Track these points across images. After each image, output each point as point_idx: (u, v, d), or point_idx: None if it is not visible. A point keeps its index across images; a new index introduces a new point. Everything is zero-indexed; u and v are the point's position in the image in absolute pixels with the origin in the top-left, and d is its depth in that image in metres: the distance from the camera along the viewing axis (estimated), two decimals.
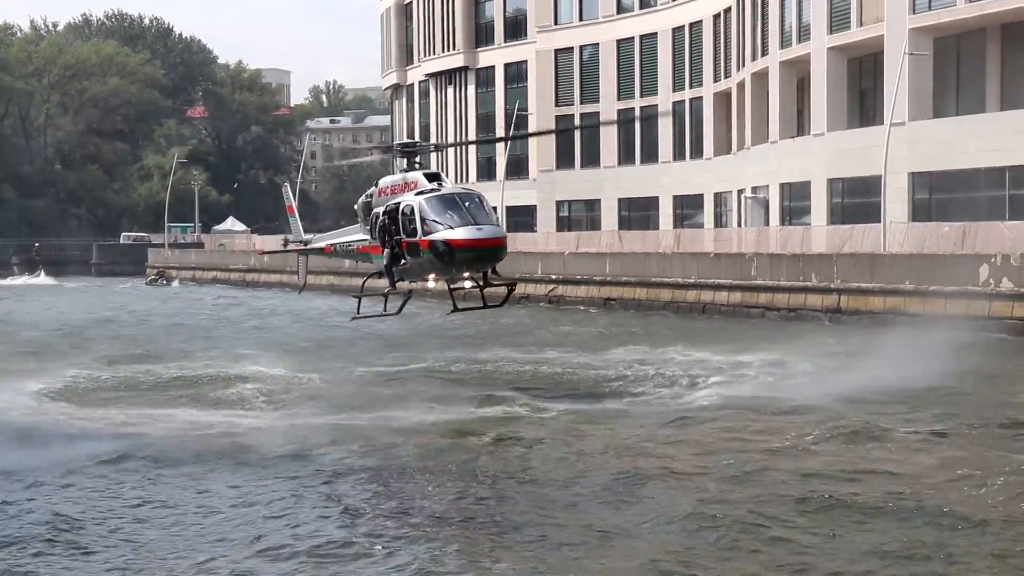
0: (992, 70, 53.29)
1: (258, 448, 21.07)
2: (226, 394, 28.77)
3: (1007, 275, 39.11)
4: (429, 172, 28.18)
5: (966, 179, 51.35)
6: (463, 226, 25.88)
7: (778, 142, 63.24)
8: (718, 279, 50.65)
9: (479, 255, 26.14)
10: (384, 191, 28.76)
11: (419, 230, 26.43)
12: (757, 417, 24.05)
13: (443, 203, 26.43)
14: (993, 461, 19.40)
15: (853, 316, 43.97)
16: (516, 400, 26.80)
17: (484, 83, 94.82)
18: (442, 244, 25.92)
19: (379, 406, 26.31)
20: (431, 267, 26.84)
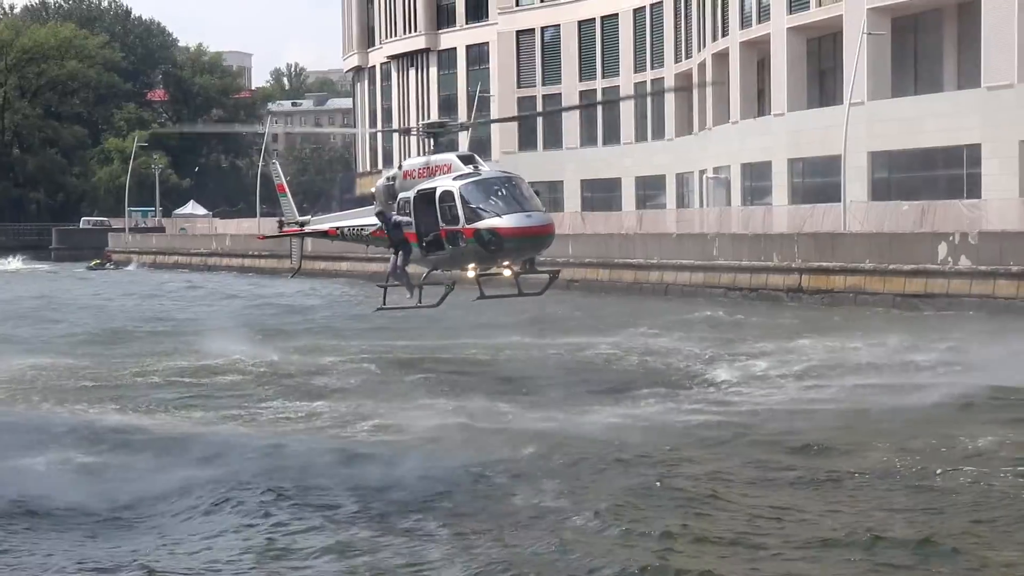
0: (949, 50, 53.67)
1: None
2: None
3: (965, 253, 39.49)
4: (463, 154, 26.66)
5: (925, 158, 51.76)
6: (510, 213, 24.47)
7: (739, 123, 63.52)
8: (680, 260, 50.85)
9: (529, 243, 24.82)
10: (411, 174, 27.08)
11: (461, 217, 24.88)
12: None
13: (486, 188, 24.96)
14: None
15: (815, 295, 44.30)
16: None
17: (446, 65, 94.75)
18: (489, 233, 24.45)
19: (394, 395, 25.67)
20: (475, 256, 25.25)
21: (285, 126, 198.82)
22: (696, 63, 70.74)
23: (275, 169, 37.18)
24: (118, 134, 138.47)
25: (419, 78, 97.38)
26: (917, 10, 53.89)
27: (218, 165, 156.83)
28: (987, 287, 38.68)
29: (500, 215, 24.43)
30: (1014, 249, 38.14)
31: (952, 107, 50.54)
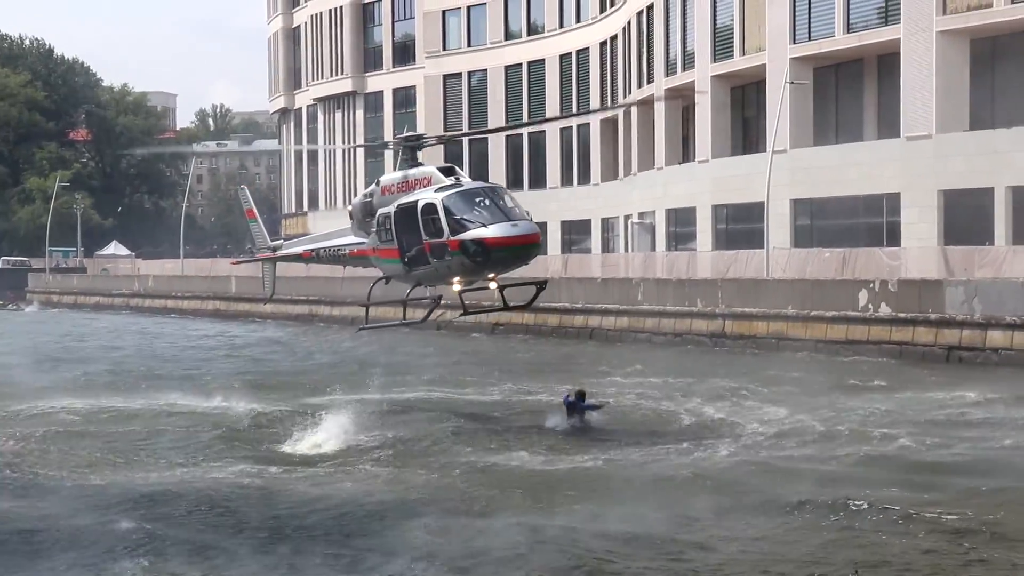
0: (870, 99, 54.56)
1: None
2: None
3: (885, 300, 40.00)
4: (443, 166, 26.04)
5: (846, 206, 52.47)
6: (496, 223, 23.86)
7: (664, 168, 64.05)
8: (605, 304, 51.04)
9: (515, 254, 24.20)
10: (389, 189, 26.34)
11: (445, 229, 24.25)
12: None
13: (469, 199, 24.37)
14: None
15: (737, 341, 44.61)
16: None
17: (373, 108, 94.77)
18: (474, 244, 23.84)
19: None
20: (460, 269, 24.65)
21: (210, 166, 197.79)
22: (622, 109, 71.28)
23: (243, 195, 36.33)
24: (40, 173, 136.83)
25: (345, 120, 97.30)
26: (838, 60, 54.76)
27: (141, 206, 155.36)
28: (906, 334, 39.20)
29: (486, 225, 23.87)
30: (932, 297, 38.70)
31: (872, 156, 51.34)
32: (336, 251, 29.42)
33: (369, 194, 27.25)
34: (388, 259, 26.36)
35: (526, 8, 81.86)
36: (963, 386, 31.01)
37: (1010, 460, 22.03)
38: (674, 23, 62.67)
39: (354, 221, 28.03)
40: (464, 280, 25.34)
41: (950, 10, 48.45)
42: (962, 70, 48.98)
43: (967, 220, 47.33)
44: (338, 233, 30.00)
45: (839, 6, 52.38)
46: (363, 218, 27.41)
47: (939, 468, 21.34)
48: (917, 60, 49.23)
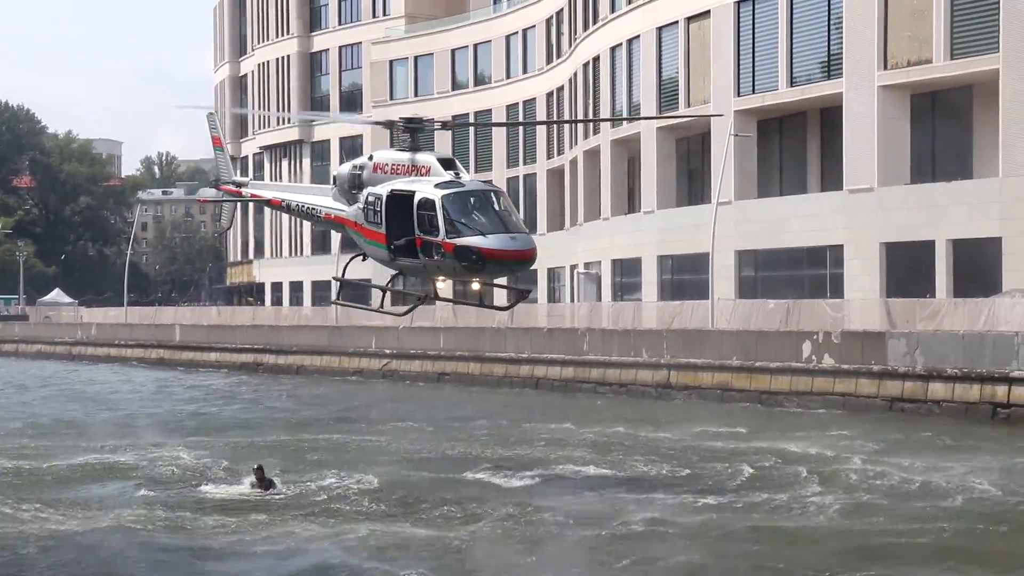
0: (813, 152, 55.17)
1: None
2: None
3: (828, 352, 40.25)
4: (443, 157, 25.03)
5: (790, 257, 52.90)
6: (495, 234, 23.08)
7: (610, 219, 64.34)
8: (551, 354, 51.04)
9: (510, 267, 23.75)
10: (382, 168, 25.32)
11: (442, 230, 23.36)
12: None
13: (470, 203, 23.46)
14: None
15: (683, 391, 44.69)
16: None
17: (319, 156, 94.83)
18: (471, 253, 23.09)
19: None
20: (450, 271, 24.04)
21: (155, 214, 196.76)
22: (568, 159, 71.68)
23: (212, 121, 34.25)
24: None
25: (292, 168, 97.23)
26: (782, 113, 55.37)
27: (85, 253, 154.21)
28: (849, 386, 39.43)
29: (485, 234, 23.09)
30: (874, 349, 38.98)
31: (816, 208, 51.85)
32: (310, 209, 28.26)
33: (359, 167, 26.18)
34: (372, 241, 25.46)
35: (473, 59, 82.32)
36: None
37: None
38: (620, 75, 63.16)
39: (337, 186, 27.01)
40: (449, 280, 24.99)
41: (891, 65, 49.15)
42: (903, 124, 49.64)
43: (909, 272, 47.85)
44: (315, 190, 29.06)
45: (783, 60, 53.02)
46: (348, 189, 26.38)
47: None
48: (859, 114, 49.85)
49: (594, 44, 66.11)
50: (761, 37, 54.30)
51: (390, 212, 24.62)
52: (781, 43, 53.13)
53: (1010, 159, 45.12)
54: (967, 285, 45.13)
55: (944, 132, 50.17)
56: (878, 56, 49.17)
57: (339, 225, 27.17)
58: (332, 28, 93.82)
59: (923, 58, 48.09)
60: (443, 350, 56.90)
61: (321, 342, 64.45)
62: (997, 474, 26.40)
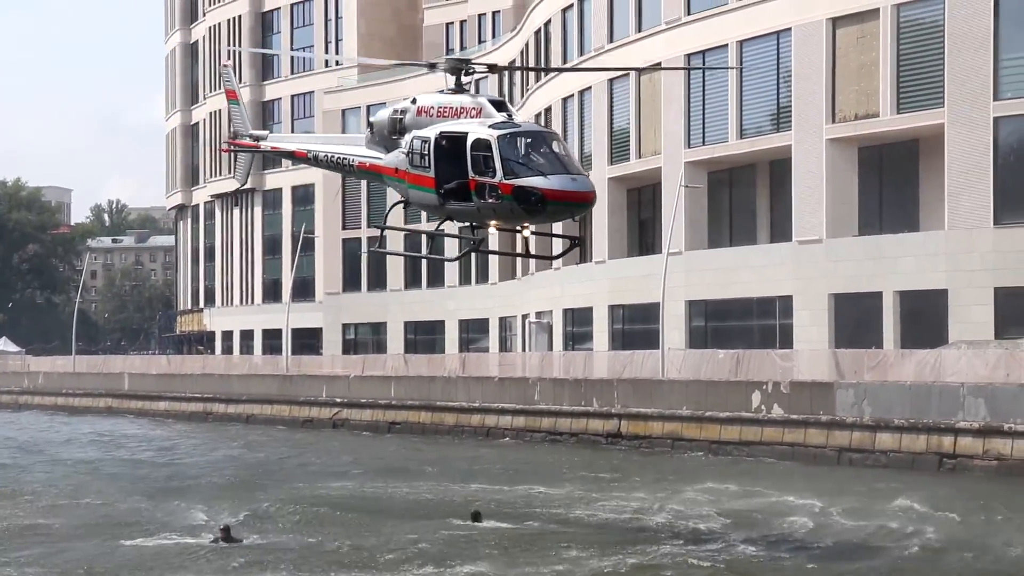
0: (762, 203, 55.67)
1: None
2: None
3: (778, 402, 40.49)
4: (494, 99, 24.24)
5: (740, 308, 53.26)
6: (556, 174, 22.49)
7: (561, 268, 64.52)
8: (502, 403, 51.04)
9: (570, 209, 22.93)
10: (427, 111, 24.42)
11: (499, 171, 22.62)
12: None
13: (528, 143, 22.86)
14: None
15: (633, 441, 44.79)
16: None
17: (271, 205, 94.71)
18: (531, 194, 22.38)
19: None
20: (507, 214, 23.13)
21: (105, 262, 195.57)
22: None
23: (227, 73, 32.90)
24: None
25: (243, 217, 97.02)
26: (732, 165, 55.88)
27: (33, 301, 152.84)
28: (798, 436, 39.63)
29: (545, 175, 22.46)
30: (823, 399, 39.25)
31: (765, 259, 52.27)
32: (341, 159, 27.21)
33: (401, 111, 25.14)
34: (418, 186, 24.51)
35: None
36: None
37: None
38: (572, 125, 63.60)
39: (374, 133, 26.07)
40: (503, 224, 24.14)
41: (839, 118, 49.79)
42: (851, 176, 50.24)
43: (857, 323, 48.28)
44: (343, 139, 28.13)
45: (732, 112, 53.59)
46: (388, 135, 25.36)
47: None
48: (808, 166, 50.41)
49: (546, 95, 66.58)
50: (711, 90, 54.90)
51: (439, 154, 23.82)
52: (731, 96, 53.72)
53: (955, 212, 45.73)
54: (914, 336, 45.60)
55: (891, 185, 50.79)
56: (826, 110, 49.79)
57: (374, 174, 26.41)
58: (284, 77, 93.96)
59: (870, 112, 48.73)
60: (394, 399, 56.82)
61: (271, 391, 64.19)
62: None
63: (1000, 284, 44.23)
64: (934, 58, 46.72)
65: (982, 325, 44.04)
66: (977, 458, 35.10)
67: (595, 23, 61.32)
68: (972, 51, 45.31)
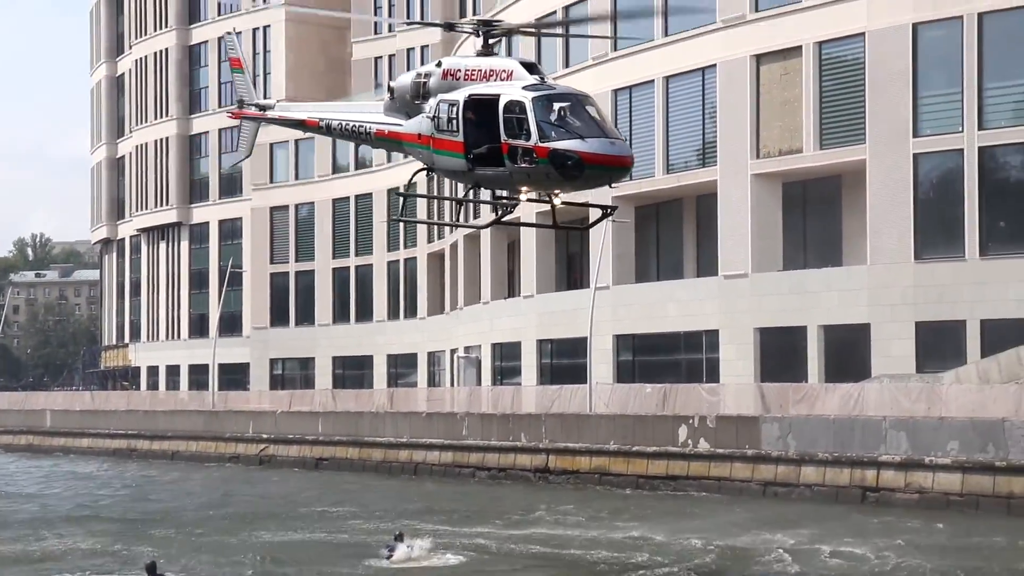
0: (689, 238, 56.09)
1: None
2: None
3: (704, 436, 40.64)
4: (526, 61, 23.45)
5: (667, 342, 53.53)
6: (593, 138, 21.80)
7: (490, 303, 64.59)
8: (430, 439, 50.85)
9: (609, 174, 22.26)
10: (454, 74, 23.57)
11: (534, 134, 21.88)
12: None
13: (564, 106, 22.07)
14: None
15: (561, 476, 44.76)
16: None
17: (198, 239, 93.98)
18: (568, 158, 21.69)
19: None
20: (542, 179, 22.41)
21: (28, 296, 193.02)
22: (448, 244, 71.96)
23: (231, 41, 31.44)
24: None
25: (170, 251, 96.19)
26: (659, 200, 56.26)
27: None
28: (724, 470, 39.79)
29: (583, 138, 21.76)
30: (749, 433, 39.47)
31: (691, 293, 52.64)
32: (357, 128, 26.17)
33: (425, 74, 24.20)
34: (445, 151, 23.62)
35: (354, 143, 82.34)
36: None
37: None
38: None
39: (394, 99, 25.01)
40: (534, 190, 23.33)
41: (763, 154, 50.35)
42: (775, 212, 50.77)
43: (782, 357, 48.71)
44: (358, 107, 27.18)
45: (659, 148, 54.00)
46: (410, 100, 24.39)
47: None
48: (733, 201, 50.88)
49: None
50: (638, 125, 55.31)
51: (469, 118, 23.03)
52: (658, 131, 54.16)
53: (877, 247, 46.35)
54: (838, 370, 46.09)
55: (815, 220, 51.41)
56: (751, 145, 50.33)
57: (394, 142, 25.51)
58: (212, 110, 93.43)
59: (794, 148, 49.33)
60: (321, 435, 56.42)
61: (197, 427, 63.52)
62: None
63: (921, 318, 44.89)
64: (856, 95, 47.43)
65: (904, 359, 44.64)
66: (899, 491, 35.42)
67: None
68: (892, 89, 46.07)
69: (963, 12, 44.61)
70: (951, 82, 45.22)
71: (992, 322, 43.18)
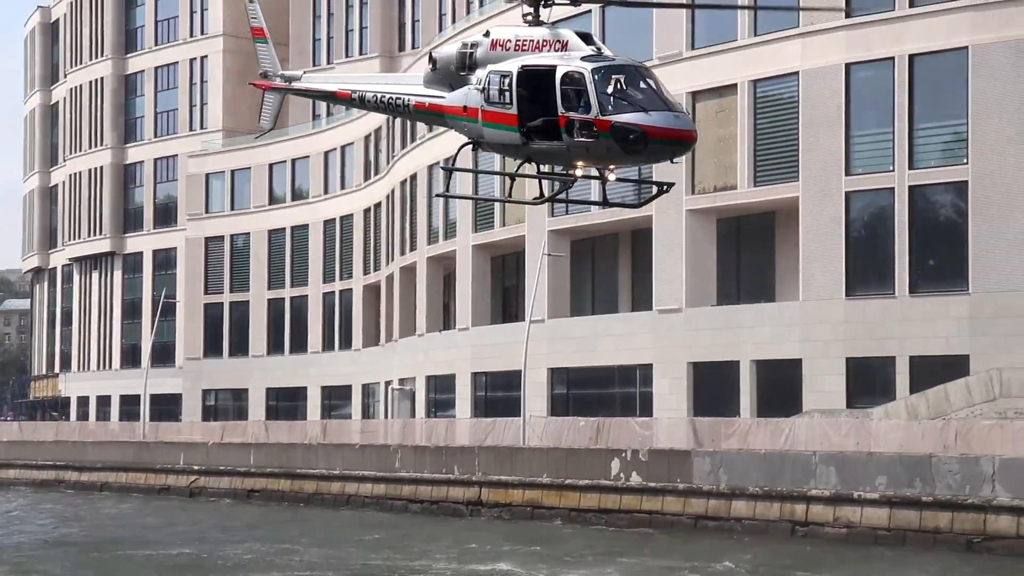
0: (624, 273, 56.36)
1: None
2: None
3: (636, 470, 40.71)
4: (582, 32, 22.64)
5: (601, 376, 53.68)
6: (657, 111, 21.09)
7: (425, 335, 64.51)
8: (363, 471, 50.60)
9: (673, 148, 21.52)
10: (503, 44, 22.74)
11: (595, 106, 21.13)
12: None
13: (625, 77, 21.38)
14: None
15: (493, 509, 44.67)
16: None
17: (131, 268, 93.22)
18: (631, 132, 20.95)
19: None
20: (602, 154, 21.66)
21: None
22: (384, 275, 71.85)
23: (253, 10, 30.36)
24: None
25: (102, 281, 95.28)
26: (595, 234, 56.53)
27: None
28: (656, 503, 39.84)
29: (647, 111, 21.04)
30: (680, 467, 39.58)
31: (626, 328, 52.85)
32: (393, 100, 25.03)
33: (472, 44, 23.32)
34: (496, 124, 22.67)
35: (291, 174, 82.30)
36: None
37: None
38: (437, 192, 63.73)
39: (436, 70, 23.99)
40: (591, 165, 22.45)
41: (698, 190, 50.74)
42: (709, 247, 51.14)
43: (715, 392, 48.99)
44: (393, 78, 26.15)
45: (595, 182, 54.04)
46: (455, 71, 23.47)
47: None
48: (668, 236, 51.19)
49: (412, 162, 66.76)
50: None
51: (521, 90, 22.17)
52: None
53: (809, 283, 46.81)
54: (770, 404, 46.41)
55: (748, 256, 51.85)
56: (686, 181, 50.60)
57: (434, 114, 24.54)
58: (147, 140, 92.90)
59: (728, 184, 49.77)
60: (253, 466, 56.00)
61: (127, 458, 62.86)
62: None
63: (851, 354, 45.36)
64: (790, 133, 47.98)
65: (834, 394, 45.05)
66: (828, 525, 35.65)
67: None
68: (825, 127, 46.65)
69: (894, 53, 45.32)
70: (882, 122, 45.87)
71: (921, 359, 43.71)
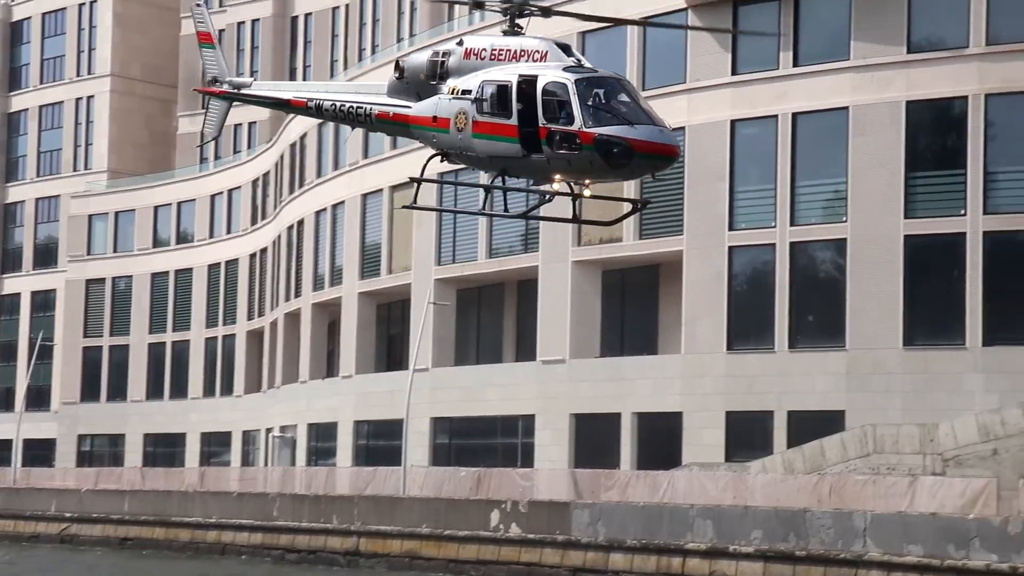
0: (509, 322, 56.33)
1: None
2: None
3: (516, 521, 40.45)
4: (561, 42, 21.99)
5: (484, 426, 53.47)
6: (641, 124, 20.65)
7: (308, 382, 63.84)
8: (240, 519, 49.76)
9: (655, 163, 20.95)
10: (477, 54, 22.09)
11: (578, 119, 20.60)
12: None
13: (607, 89, 20.97)
14: None
15: (372, 559, 44.13)
16: None
17: (8, 310, 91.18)
18: (615, 145, 20.50)
19: None
20: (584, 167, 21.15)
21: None
22: (268, 321, 71.07)
23: (200, 14, 28.35)
24: None
25: None
26: (481, 283, 56.47)
27: None
28: (535, 555, 39.60)
29: (631, 124, 20.62)
30: (560, 519, 39.39)
31: (510, 378, 52.74)
32: (353, 109, 24.22)
33: (444, 53, 22.65)
34: (491, 136, 22.13)
35: (176, 217, 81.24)
36: None
37: None
38: (324, 239, 63.42)
39: (403, 79, 23.17)
40: (570, 179, 22.01)
41: (584, 242, 50.90)
42: (594, 299, 51.28)
43: (596, 443, 49.00)
44: (353, 87, 25.55)
45: (483, 232, 54.25)
46: (425, 80, 22.73)
47: None
48: (553, 287, 51.26)
49: (299, 207, 66.29)
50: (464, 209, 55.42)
51: (520, 101, 21.39)
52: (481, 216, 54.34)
53: (692, 337, 47.10)
54: (651, 457, 46.52)
55: (632, 308, 52.11)
56: (572, 232, 50.80)
57: (400, 125, 23.75)
58: (30, 179, 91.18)
59: (614, 237, 49.92)
60: (128, 514, 54.82)
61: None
62: None
63: (731, 408, 45.67)
64: (675, 188, 48.29)
65: (713, 447, 45.30)
66: None
67: (351, 139, 61.52)
68: (710, 183, 47.14)
69: (778, 111, 46.02)
70: (765, 178, 46.48)
71: (798, 413, 44.16)
